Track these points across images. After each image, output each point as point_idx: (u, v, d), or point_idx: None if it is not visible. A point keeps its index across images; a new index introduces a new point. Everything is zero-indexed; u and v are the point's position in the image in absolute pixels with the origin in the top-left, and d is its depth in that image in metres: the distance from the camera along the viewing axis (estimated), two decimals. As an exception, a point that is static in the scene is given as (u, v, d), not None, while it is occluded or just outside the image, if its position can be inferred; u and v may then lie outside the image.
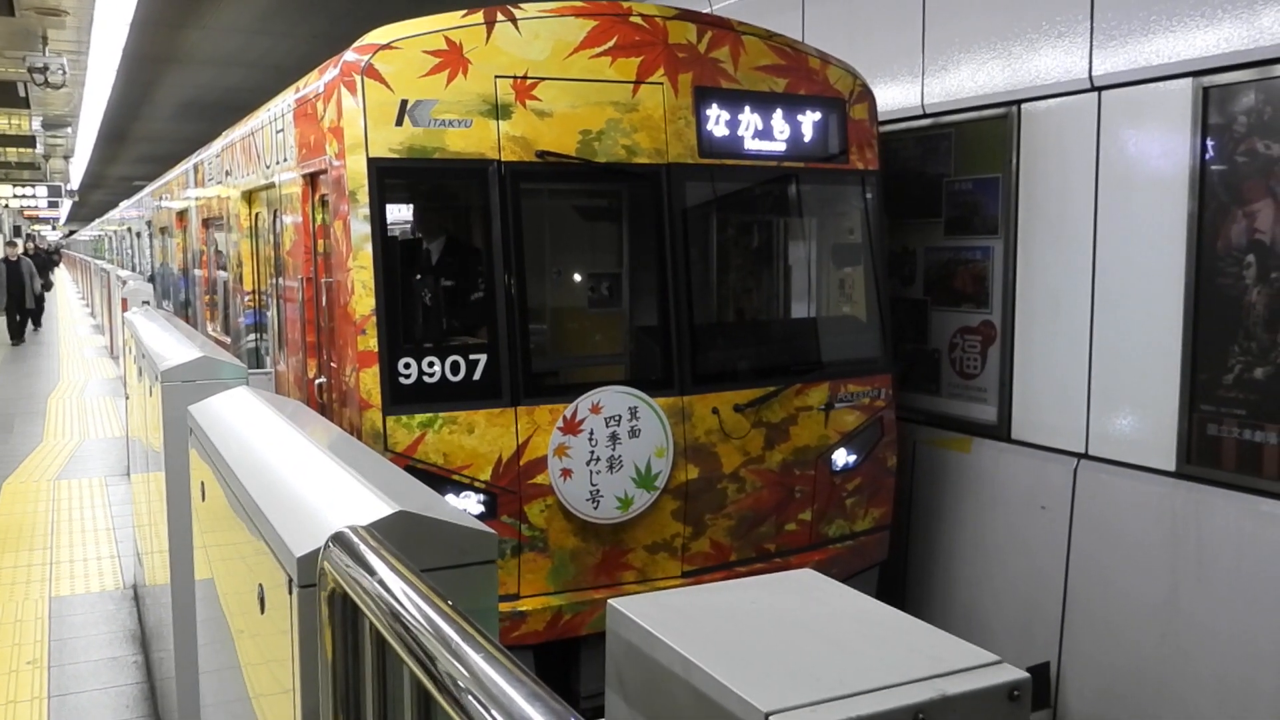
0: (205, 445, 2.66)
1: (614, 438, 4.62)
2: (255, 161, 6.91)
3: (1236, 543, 4.35)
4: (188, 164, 11.62)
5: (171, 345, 4.24)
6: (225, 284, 8.79)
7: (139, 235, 20.85)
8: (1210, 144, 4.46)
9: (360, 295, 4.39)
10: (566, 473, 4.56)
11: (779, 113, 5.16)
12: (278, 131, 6.01)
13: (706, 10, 6.84)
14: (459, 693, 1.10)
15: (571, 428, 4.56)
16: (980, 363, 5.76)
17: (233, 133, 8.21)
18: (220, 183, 8.73)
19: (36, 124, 23.98)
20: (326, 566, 1.49)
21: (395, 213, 5.15)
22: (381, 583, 1.34)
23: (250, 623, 2.06)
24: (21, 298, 21.07)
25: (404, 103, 4.38)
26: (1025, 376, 5.47)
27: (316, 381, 5.25)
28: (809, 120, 5.26)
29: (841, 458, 5.33)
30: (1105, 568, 4.93)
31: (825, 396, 5.25)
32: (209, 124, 16.34)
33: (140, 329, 5.19)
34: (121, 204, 28.91)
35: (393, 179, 4.50)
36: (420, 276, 5.24)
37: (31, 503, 8.50)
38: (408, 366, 4.40)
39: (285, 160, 5.80)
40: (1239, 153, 4.36)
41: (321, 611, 1.51)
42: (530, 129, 4.57)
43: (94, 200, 52.34)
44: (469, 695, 1.08)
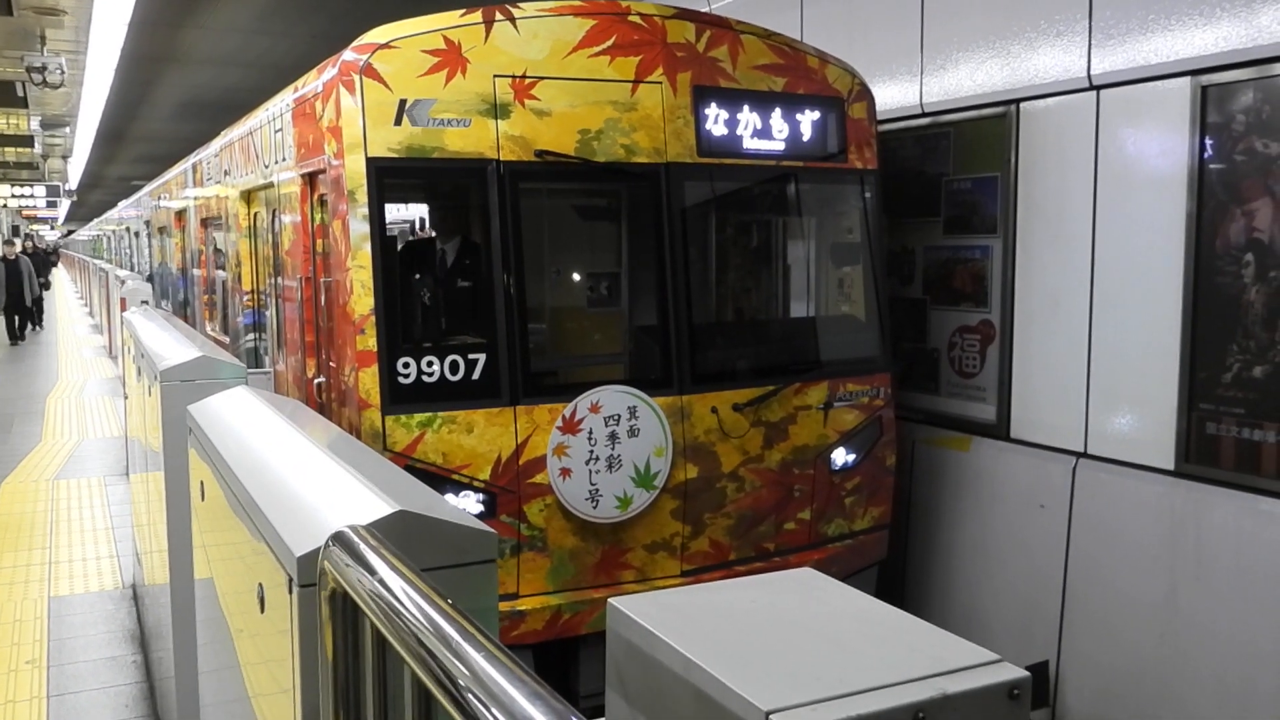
0: (204, 445, 2.66)
1: (613, 437, 4.62)
2: (254, 161, 6.91)
3: (1235, 541, 4.36)
4: (186, 164, 11.62)
5: (170, 345, 4.23)
6: (224, 284, 8.79)
7: (137, 235, 20.83)
8: (1209, 143, 4.47)
9: (359, 295, 4.39)
10: (565, 472, 4.56)
11: (778, 112, 5.16)
12: (276, 131, 6.00)
13: (705, 9, 6.84)
14: (459, 692, 1.10)
15: (570, 427, 4.56)
16: (979, 362, 5.76)
17: (231, 132, 8.20)
18: (219, 182, 8.72)
19: (35, 124, 23.95)
20: (326, 566, 1.49)
21: (394, 212, 5.14)
22: (382, 582, 1.34)
23: (250, 622, 2.06)
24: (20, 297, 21.04)
25: (403, 102, 4.38)
26: (1024, 375, 5.48)
27: (315, 381, 5.25)
28: (808, 119, 5.26)
29: (840, 457, 5.33)
30: (1104, 566, 4.93)
31: (824, 396, 5.25)
32: (207, 124, 16.34)
33: (139, 328, 5.18)
34: (120, 204, 28.88)
35: (391, 179, 4.50)
36: (419, 276, 5.24)
37: (30, 502, 8.50)
38: (407, 366, 4.40)
39: (284, 160, 5.79)
40: (1237, 151, 4.37)
41: (321, 611, 1.51)
42: (529, 128, 4.57)
43: (92, 200, 52.32)
44: (469, 694, 1.08)
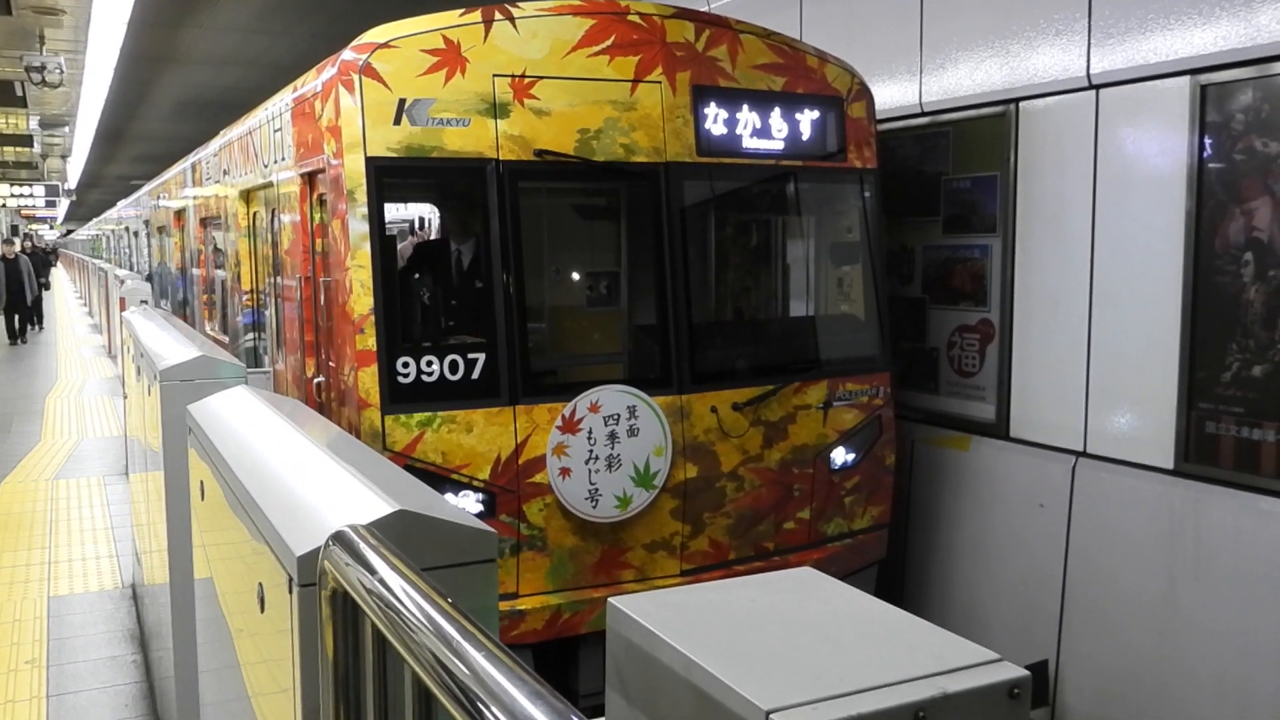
0: (204, 444, 2.66)
1: (612, 436, 4.62)
2: (253, 161, 6.90)
3: (1234, 540, 4.36)
4: (185, 163, 11.61)
5: (170, 344, 4.23)
6: (223, 283, 8.78)
7: (136, 234, 20.82)
8: (1208, 142, 4.47)
9: (358, 294, 4.39)
10: (565, 471, 4.56)
11: (777, 111, 5.16)
12: (275, 131, 6.00)
13: (704, 9, 6.84)
14: (460, 691, 1.10)
15: (570, 427, 4.56)
16: (979, 361, 5.76)
17: (230, 132, 8.20)
18: (218, 182, 8.72)
19: (34, 123, 23.94)
20: (327, 565, 1.49)
21: (393, 212, 5.14)
22: (382, 581, 1.34)
23: (250, 622, 2.06)
24: (21, 297, 21.01)
25: (402, 102, 4.38)
26: (1023, 375, 5.48)
27: (315, 381, 5.25)
28: (807, 119, 5.26)
29: (840, 456, 5.33)
30: (1104, 565, 4.93)
31: (824, 395, 5.25)
32: (207, 123, 16.33)
33: (138, 328, 5.18)
34: (119, 203, 28.87)
35: (391, 178, 4.50)
36: (418, 275, 5.24)
37: (30, 502, 8.49)
38: (406, 366, 4.40)
39: (283, 159, 5.79)
40: (1237, 151, 4.37)
41: (322, 610, 1.51)
42: (528, 128, 4.57)
43: (91, 199, 52.28)
44: (470, 694, 1.08)
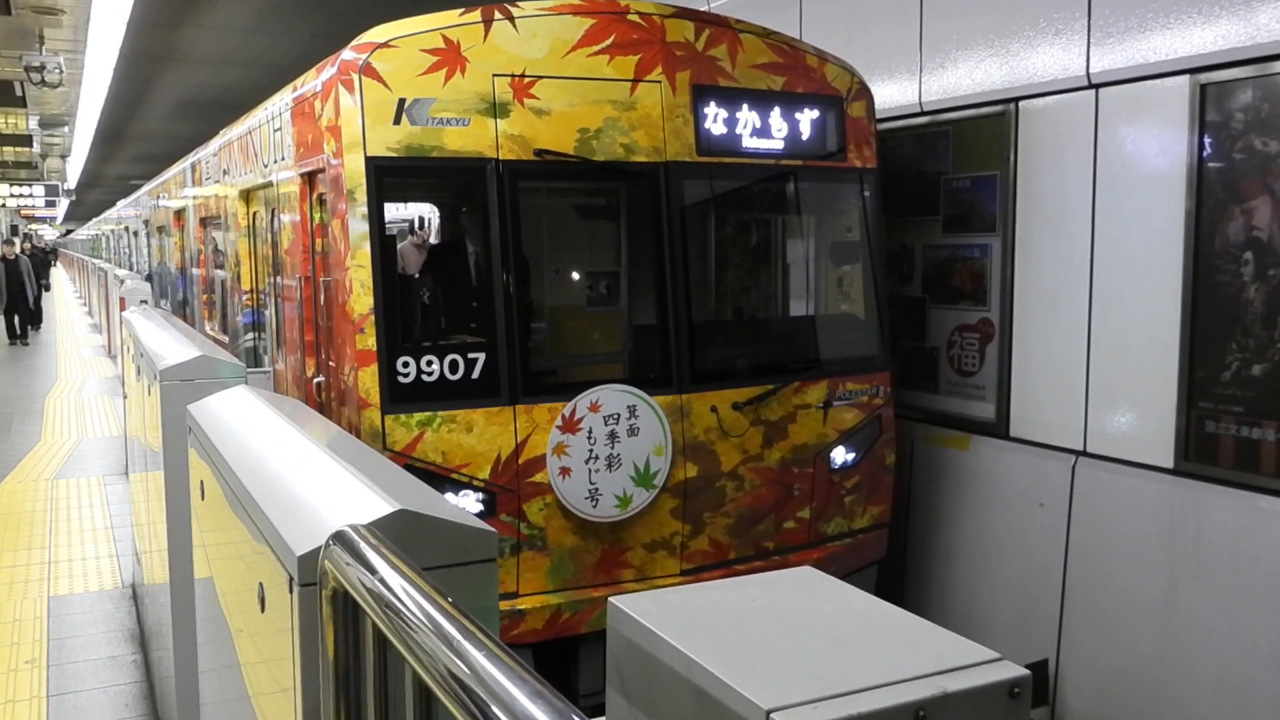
0: (204, 444, 2.66)
1: (612, 436, 4.62)
2: (253, 160, 6.90)
3: (1234, 539, 4.36)
4: (185, 163, 11.61)
5: (170, 344, 4.23)
6: (223, 283, 8.78)
7: (136, 234, 20.81)
8: (1208, 141, 4.47)
9: (358, 294, 4.39)
10: (565, 471, 4.56)
11: (777, 111, 5.16)
12: (275, 130, 6.00)
13: (704, 8, 6.84)
14: (461, 691, 1.10)
15: (570, 426, 4.56)
16: (978, 360, 5.76)
17: (230, 131, 8.20)
18: (218, 182, 8.71)
19: (33, 123, 23.94)
20: (327, 565, 1.49)
21: (393, 211, 5.14)
22: (383, 581, 1.34)
23: (250, 621, 2.06)
24: (22, 297, 20.97)
25: (402, 101, 4.38)
26: (1023, 374, 5.48)
27: (315, 380, 5.25)
28: (807, 118, 5.26)
29: (840, 455, 5.33)
30: (1103, 565, 4.93)
31: (824, 394, 5.25)
32: (206, 123, 16.32)
33: (138, 328, 5.18)
34: (119, 203, 28.86)
35: (390, 178, 4.50)
36: (418, 275, 5.23)
37: (30, 502, 8.49)
38: (406, 365, 4.40)
39: (283, 159, 5.79)
40: (1236, 150, 4.37)
41: (322, 610, 1.51)
42: (528, 127, 4.57)
43: (91, 199, 52.27)
44: (471, 693, 1.08)
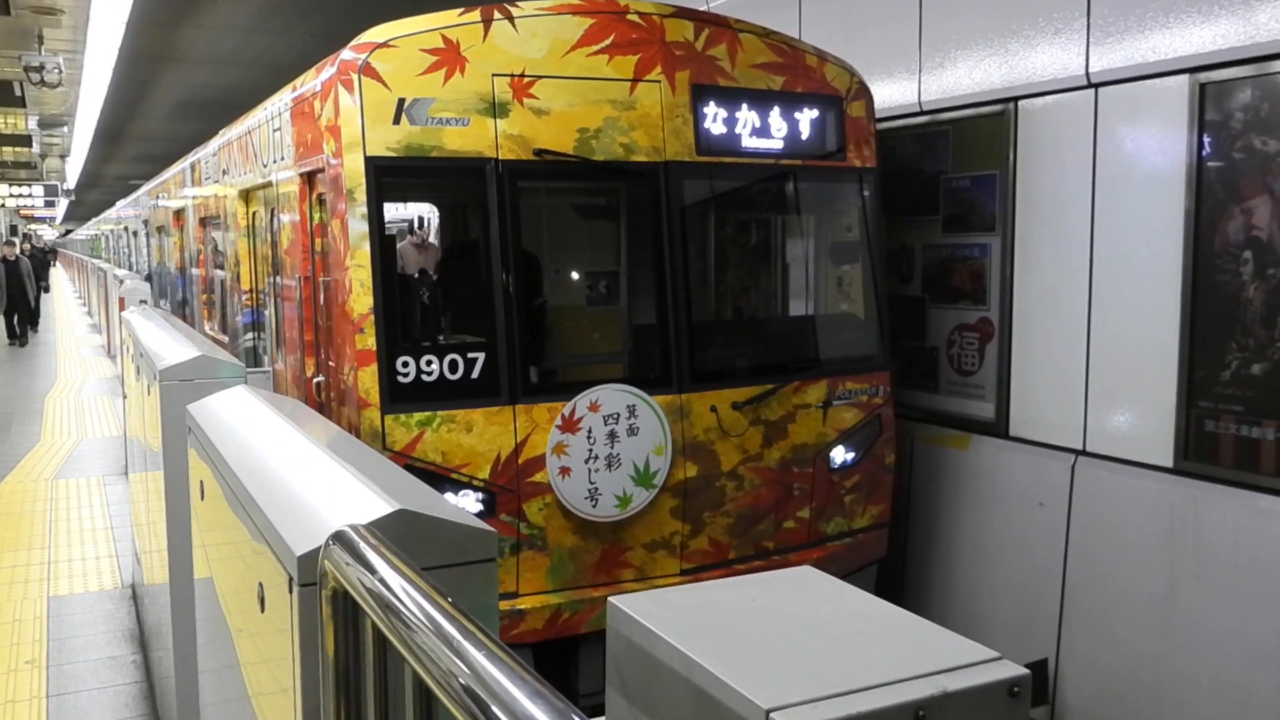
0: (204, 444, 2.66)
1: (612, 436, 4.62)
2: (252, 160, 6.90)
3: (1234, 538, 4.36)
4: (185, 163, 11.60)
5: (169, 344, 4.23)
6: (223, 283, 8.78)
7: (135, 234, 20.81)
8: (1207, 140, 4.47)
9: (358, 294, 4.39)
10: (565, 471, 4.56)
11: (776, 110, 5.15)
12: (275, 130, 6.00)
13: (704, 8, 6.84)
14: (461, 691, 1.10)
15: (570, 426, 4.56)
16: (978, 360, 5.76)
17: (230, 131, 8.19)
18: (217, 182, 8.71)
19: (33, 123, 23.93)
20: (327, 565, 1.49)
21: (393, 211, 5.13)
22: (382, 581, 1.34)
23: (250, 622, 2.06)
24: (23, 298, 20.92)
25: (401, 101, 4.38)
26: (1023, 373, 5.48)
27: (315, 380, 5.25)
28: (806, 118, 5.26)
29: (840, 455, 5.33)
30: (1103, 564, 4.93)
31: (823, 394, 5.25)
32: (206, 123, 16.31)
33: (138, 328, 5.18)
34: (118, 203, 28.86)
35: (390, 178, 4.50)
36: (418, 275, 5.23)
37: (29, 502, 8.49)
38: (406, 365, 4.40)
39: (282, 159, 5.79)
40: (1236, 149, 4.37)
41: (322, 610, 1.51)
42: (528, 127, 4.57)
43: (90, 199, 52.26)
44: (471, 693, 1.08)
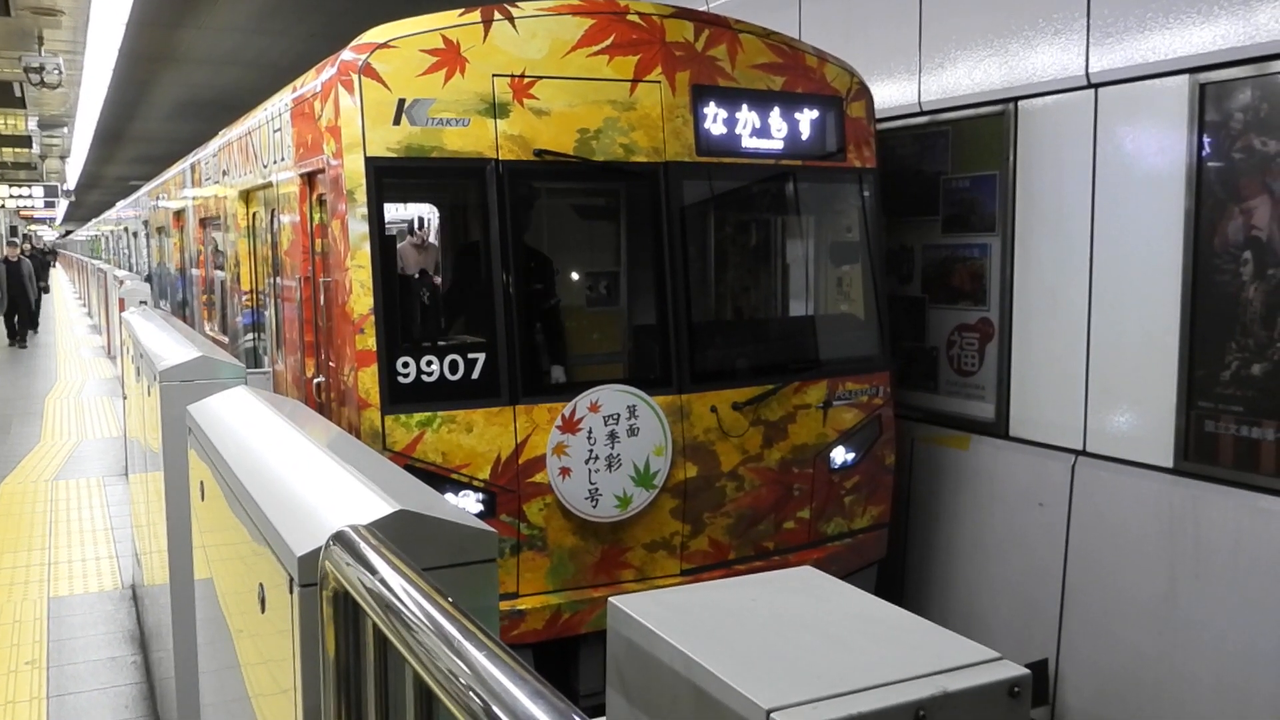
0: (204, 445, 2.66)
1: (612, 436, 4.62)
2: (252, 161, 6.90)
3: (1234, 539, 4.36)
4: (184, 164, 11.60)
5: (169, 345, 4.23)
6: (223, 284, 8.79)
7: (135, 235, 20.81)
8: (1207, 141, 4.47)
9: (358, 294, 4.39)
10: (565, 471, 4.56)
11: (776, 111, 5.16)
12: (275, 131, 6.00)
13: (703, 8, 6.84)
14: (461, 691, 1.10)
15: (570, 426, 4.56)
16: (978, 360, 5.76)
17: (230, 132, 8.20)
18: (217, 182, 8.71)
19: (33, 124, 23.93)
20: (328, 565, 1.49)
21: (393, 212, 5.13)
22: (383, 581, 1.34)
23: (250, 622, 2.06)
24: (24, 299, 20.88)
25: (401, 102, 4.38)
26: (1023, 373, 5.48)
27: (315, 381, 5.25)
28: (806, 118, 5.26)
29: (840, 455, 5.33)
30: (1103, 564, 4.94)
31: (823, 394, 5.25)
32: (206, 123, 16.32)
33: (138, 329, 5.18)
34: (118, 204, 28.86)
35: (390, 178, 4.50)
36: (418, 275, 5.24)
37: (29, 503, 8.49)
38: (406, 366, 4.40)
39: (283, 160, 5.79)
40: (1236, 149, 4.37)
41: (323, 610, 1.51)
42: (528, 128, 4.57)
43: (90, 200, 52.27)
44: (471, 693, 1.08)
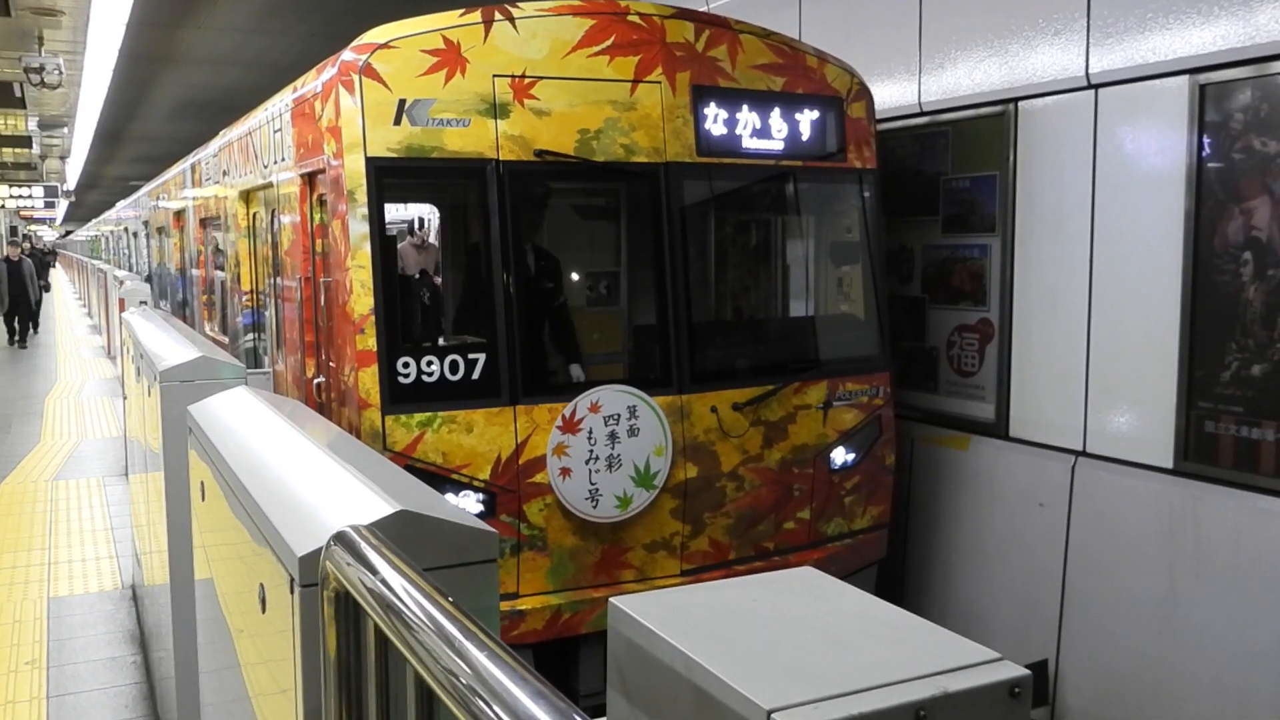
0: (205, 445, 2.66)
1: (613, 436, 4.62)
2: (253, 161, 6.90)
3: (1234, 539, 4.36)
4: (185, 164, 11.61)
5: (170, 345, 4.23)
6: (223, 284, 8.79)
7: (135, 235, 20.81)
8: (1207, 141, 4.47)
9: (359, 295, 4.39)
10: (565, 472, 4.56)
11: (777, 111, 5.16)
12: (275, 131, 6.00)
13: (704, 9, 6.84)
14: (462, 691, 1.10)
15: (570, 427, 4.56)
16: (978, 360, 5.76)
17: (230, 132, 8.20)
18: (218, 183, 8.71)
19: (33, 124, 23.93)
20: (329, 566, 1.49)
21: (393, 212, 5.13)
22: (384, 581, 1.35)
23: (250, 622, 2.06)
24: (25, 299, 20.86)
25: (402, 102, 4.38)
26: (1023, 374, 5.48)
27: (315, 381, 5.25)
28: (806, 119, 5.26)
29: (840, 456, 5.33)
30: (1103, 565, 4.94)
31: (824, 395, 5.25)
32: (206, 124, 16.32)
33: (138, 329, 5.18)
34: (118, 204, 28.86)
35: (391, 178, 4.50)
36: (419, 276, 5.24)
37: (29, 503, 8.49)
38: (406, 366, 4.40)
39: (283, 160, 5.79)
40: (1236, 150, 4.37)
41: (324, 610, 1.51)
42: (528, 128, 4.57)
43: (90, 200, 52.26)
44: (472, 693, 1.08)
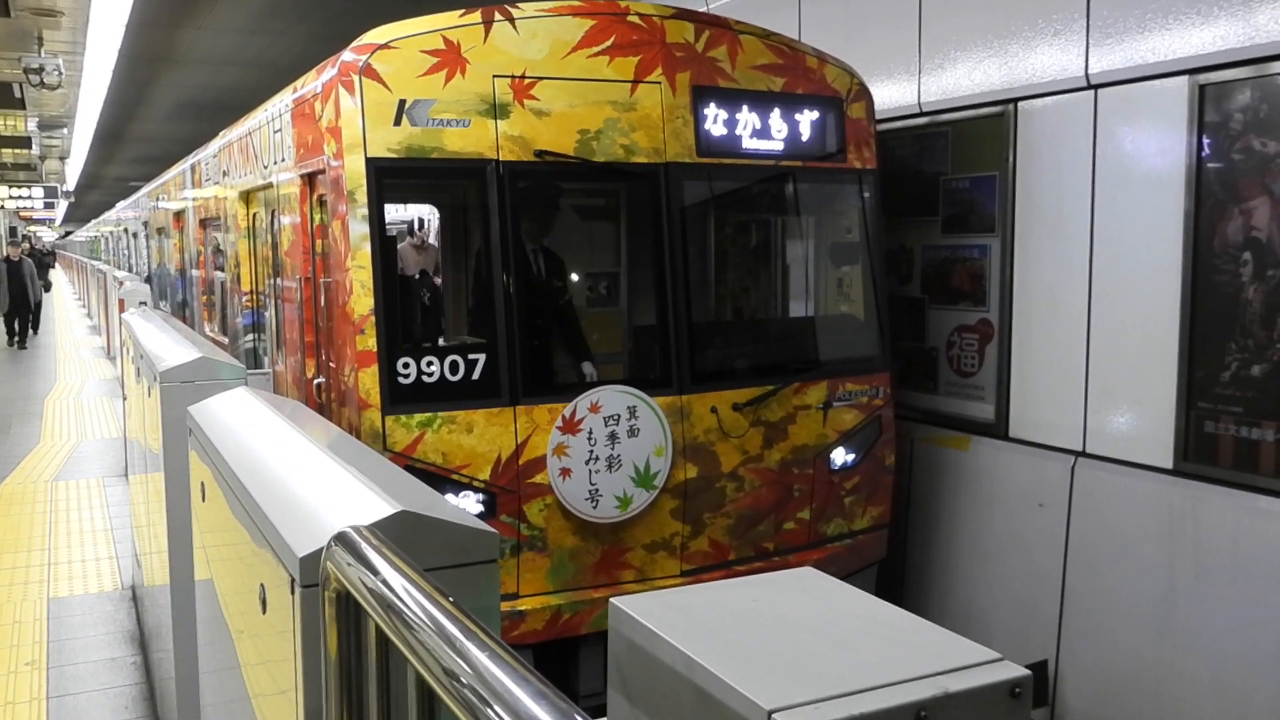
0: (205, 446, 2.66)
1: (613, 437, 4.62)
2: (253, 162, 6.91)
3: (1234, 539, 4.36)
4: (185, 164, 11.61)
5: (170, 346, 4.23)
6: (223, 284, 8.79)
7: (135, 236, 20.81)
8: (1206, 142, 4.47)
9: (359, 295, 4.40)
10: (565, 472, 4.56)
11: (776, 112, 5.16)
12: (275, 132, 6.00)
13: (703, 9, 6.84)
14: (463, 691, 1.10)
15: (570, 427, 4.56)
16: (978, 361, 5.77)
17: (230, 133, 8.20)
18: (217, 183, 8.72)
19: (32, 125, 23.94)
20: (329, 566, 1.50)
21: (393, 212, 5.13)
22: (385, 582, 1.35)
23: (251, 623, 2.06)
24: (25, 299, 20.85)
25: (402, 102, 4.38)
26: (1023, 374, 5.48)
27: (315, 381, 5.25)
28: (806, 119, 5.26)
29: (840, 456, 5.34)
30: (1103, 565, 4.94)
31: (823, 395, 5.26)
32: (206, 124, 16.32)
33: (138, 329, 5.18)
34: (118, 205, 28.86)
35: (391, 179, 4.50)
36: (419, 276, 5.24)
37: (29, 504, 8.49)
38: (406, 366, 4.40)
39: (283, 160, 5.79)
40: (1235, 150, 4.37)
41: (325, 611, 1.51)
42: (528, 128, 4.58)
43: (90, 201, 52.26)
44: (473, 693, 1.08)
